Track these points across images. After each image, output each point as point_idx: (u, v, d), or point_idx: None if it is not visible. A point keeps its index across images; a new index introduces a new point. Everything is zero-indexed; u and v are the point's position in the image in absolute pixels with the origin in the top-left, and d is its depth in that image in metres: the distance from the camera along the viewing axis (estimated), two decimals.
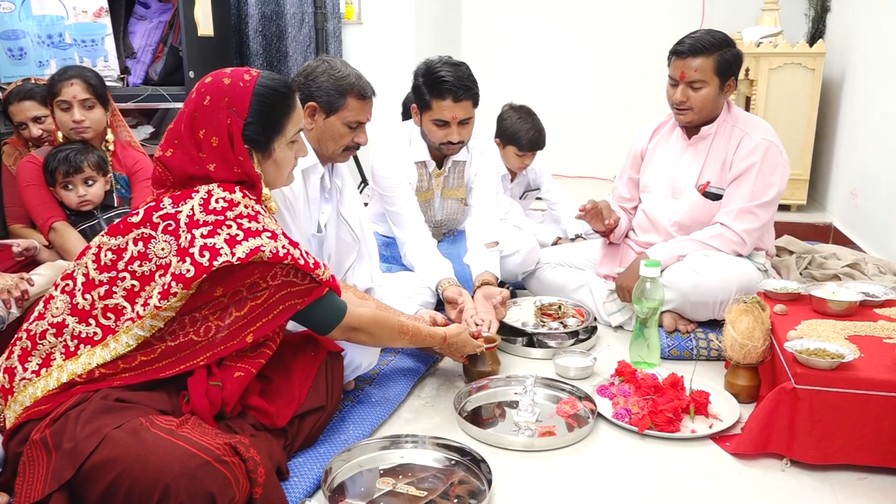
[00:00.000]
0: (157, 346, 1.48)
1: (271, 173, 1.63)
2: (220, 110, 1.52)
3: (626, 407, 1.91)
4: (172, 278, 1.44)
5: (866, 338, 1.86)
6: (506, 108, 3.29)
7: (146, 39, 3.63)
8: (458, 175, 2.71)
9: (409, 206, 2.59)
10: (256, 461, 1.36)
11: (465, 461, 1.69)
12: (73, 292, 1.52)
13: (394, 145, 2.60)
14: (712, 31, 2.40)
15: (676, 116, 2.48)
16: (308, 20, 4.17)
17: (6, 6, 3.34)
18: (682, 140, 2.53)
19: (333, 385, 1.78)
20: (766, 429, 1.72)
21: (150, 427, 1.34)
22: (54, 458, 1.33)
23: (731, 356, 2.02)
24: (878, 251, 3.11)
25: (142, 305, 1.47)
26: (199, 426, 1.41)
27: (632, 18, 4.89)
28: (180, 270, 1.44)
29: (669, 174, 2.54)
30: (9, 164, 2.77)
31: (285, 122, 1.59)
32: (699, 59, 2.34)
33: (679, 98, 2.39)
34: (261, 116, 1.54)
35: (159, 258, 1.48)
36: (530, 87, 5.05)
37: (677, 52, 2.38)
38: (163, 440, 1.30)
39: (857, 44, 3.61)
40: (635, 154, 2.68)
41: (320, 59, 2.05)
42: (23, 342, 1.52)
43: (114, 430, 1.32)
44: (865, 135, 3.39)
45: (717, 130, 2.44)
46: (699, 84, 2.35)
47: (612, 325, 2.57)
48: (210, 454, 1.29)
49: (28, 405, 1.45)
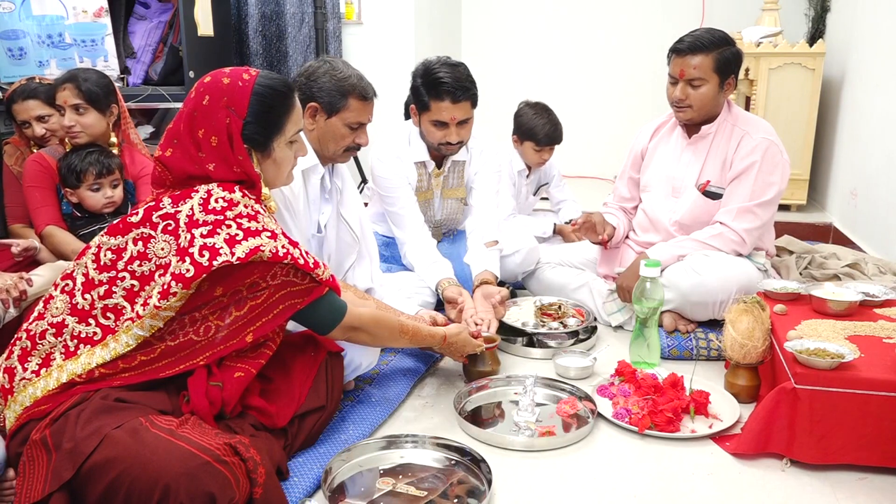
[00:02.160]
0: (157, 345, 1.48)
1: (271, 173, 1.63)
2: (220, 110, 1.52)
3: (626, 407, 1.91)
4: (172, 278, 1.44)
5: (866, 338, 1.86)
6: (522, 105, 3.32)
7: (146, 39, 3.63)
8: (458, 175, 2.71)
9: (408, 207, 2.59)
10: (256, 461, 1.36)
11: (465, 461, 1.69)
12: (73, 292, 1.52)
13: (393, 145, 2.60)
14: (712, 30, 2.40)
15: (676, 114, 2.48)
16: (308, 20, 4.17)
17: (6, 6, 3.34)
18: (682, 139, 2.53)
19: (333, 385, 1.78)
20: (766, 429, 1.72)
21: (150, 427, 1.33)
22: (54, 458, 1.33)
23: (730, 356, 2.02)
24: (877, 251, 3.11)
25: (141, 305, 1.46)
26: (198, 426, 1.41)
27: (632, 18, 4.89)
28: (180, 270, 1.43)
29: (669, 173, 2.54)
30: (10, 163, 2.78)
31: (285, 121, 1.59)
32: (699, 57, 2.34)
33: (678, 96, 2.39)
34: (260, 116, 1.54)
35: (159, 258, 1.48)
36: (530, 86, 5.05)
37: (677, 49, 2.39)
38: (163, 440, 1.30)
39: (857, 44, 3.61)
40: (636, 154, 2.68)
41: (322, 59, 2.05)
42: (22, 342, 1.52)
43: (114, 430, 1.32)
44: (865, 135, 3.39)
45: (717, 129, 2.44)
46: (698, 82, 2.35)
47: (612, 325, 2.57)
48: (210, 454, 1.29)
49: (28, 405, 1.45)
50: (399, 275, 2.63)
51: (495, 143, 2.80)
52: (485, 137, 2.75)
